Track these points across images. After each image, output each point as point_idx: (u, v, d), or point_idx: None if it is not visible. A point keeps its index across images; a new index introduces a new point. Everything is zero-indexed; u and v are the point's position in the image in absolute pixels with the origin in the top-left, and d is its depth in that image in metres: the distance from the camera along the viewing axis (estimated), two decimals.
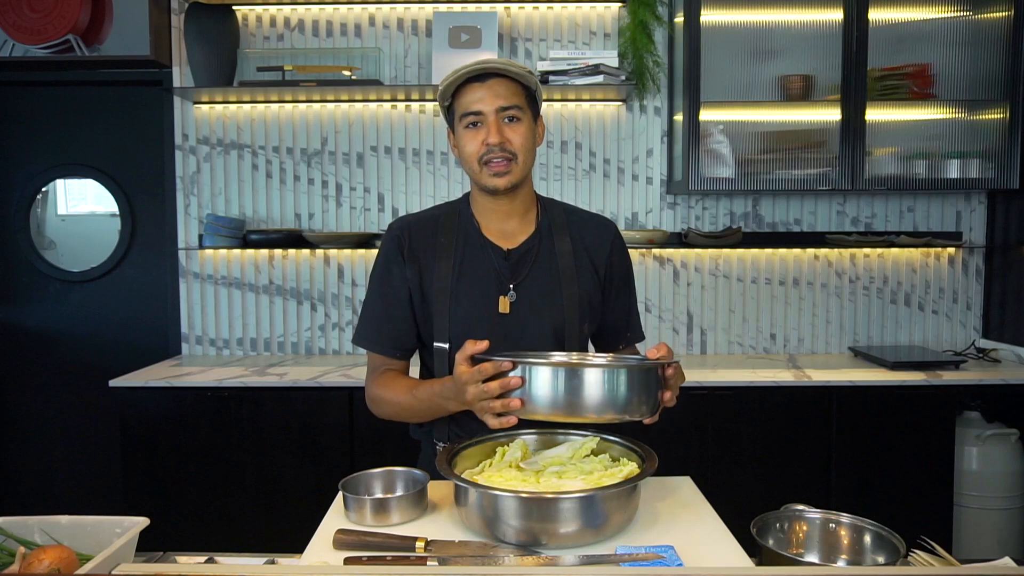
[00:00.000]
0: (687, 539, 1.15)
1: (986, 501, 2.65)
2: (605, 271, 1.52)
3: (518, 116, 1.40)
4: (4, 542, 1.12)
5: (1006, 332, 3.01)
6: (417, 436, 1.57)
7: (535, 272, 1.47)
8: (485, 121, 1.38)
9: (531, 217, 1.51)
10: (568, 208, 1.57)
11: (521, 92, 1.41)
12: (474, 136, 1.40)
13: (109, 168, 3.22)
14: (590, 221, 1.56)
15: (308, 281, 3.12)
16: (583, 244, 1.51)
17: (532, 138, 1.44)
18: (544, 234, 1.50)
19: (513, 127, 1.39)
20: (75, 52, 2.93)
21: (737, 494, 2.54)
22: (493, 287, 1.45)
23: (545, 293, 1.46)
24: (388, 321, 1.48)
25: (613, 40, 3.04)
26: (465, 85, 1.40)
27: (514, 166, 1.40)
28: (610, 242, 1.54)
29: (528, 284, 1.46)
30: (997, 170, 2.77)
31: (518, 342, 1.42)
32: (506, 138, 1.38)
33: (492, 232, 1.49)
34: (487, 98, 1.38)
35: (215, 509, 2.60)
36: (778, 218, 3.11)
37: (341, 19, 3.06)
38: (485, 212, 1.49)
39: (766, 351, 3.15)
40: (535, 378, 1.19)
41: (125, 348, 3.21)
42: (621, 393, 1.18)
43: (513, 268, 1.46)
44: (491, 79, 1.38)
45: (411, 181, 3.10)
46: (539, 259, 1.48)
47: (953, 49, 2.82)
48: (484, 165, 1.40)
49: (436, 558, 1.09)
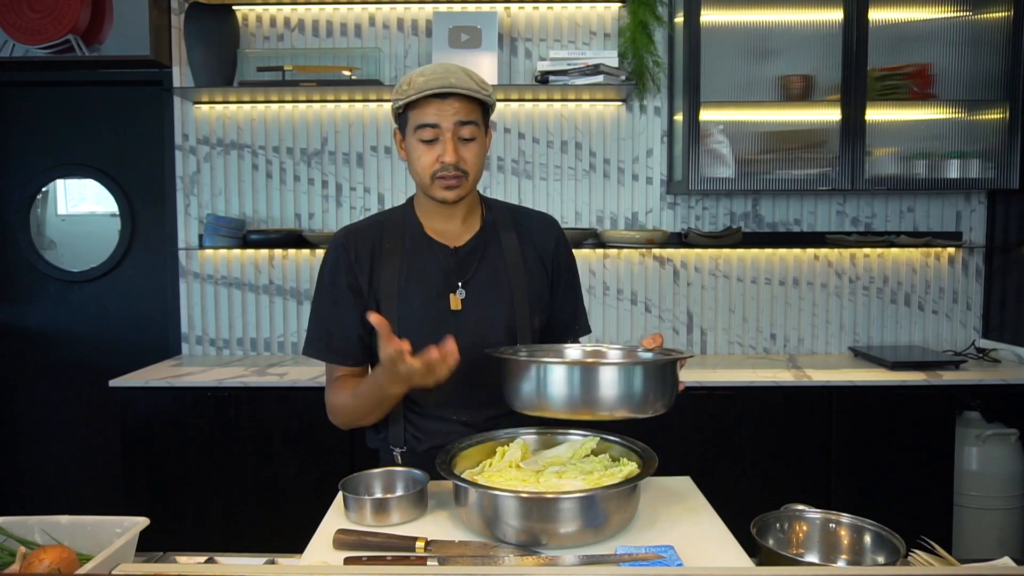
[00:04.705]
0: (687, 539, 1.15)
1: (986, 501, 2.65)
2: (552, 266, 1.56)
3: (474, 135, 1.41)
4: (4, 542, 1.12)
5: (1006, 332, 3.01)
6: (374, 444, 1.58)
7: (483, 268, 1.49)
8: (442, 136, 1.39)
9: (476, 216, 1.54)
10: (512, 207, 1.61)
11: (478, 108, 1.42)
12: (428, 150, 1.40)
13: (109, 168, 3.22)
14: (535, 218, 1.60)
15: (308, 281, 3.12)
16: (530, 240, 1.54)
17: (483, 154, 1.46)
18: (489, 231, 1.52)
19: (467, 146, 1.41)
20: (75, 52, 2.93)
21: (737, 494, 2.54)
22: (442, 285, 1.46)
23: (495, 288, 1.48)
24: (338, 329, 1.49)
25: (613, 40, 3.04)
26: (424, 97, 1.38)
27: (464, 182, 1.42)
28: (555, 238, 1.58)
29: (477, 280, 1.48)
30: (997, 170, 2.77)
31: (472, 338, 1.42)
32: (461, 156, 1.40)
33: (437, 232, 1.51)
34: (447, 111, 1.38)
35: (215, 509, 2.60)
36: (778, 218, 3.11)
37: (341, 19, 3.06)
38: (430, 214, 1.51)
39: (766, 351, 3.15)
40: (551, 376, 1.19)
41: (125, 348, 3.21)
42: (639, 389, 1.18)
43: (461, 265, 1.48)
44: (451, 96, 1.38)
45: (411, 181, 3.08)
46: (486, 256, 1.50)
47: (953, 49, 2.82)
48: (435, 179, 1.41)
49: (436, 558, 1.09)
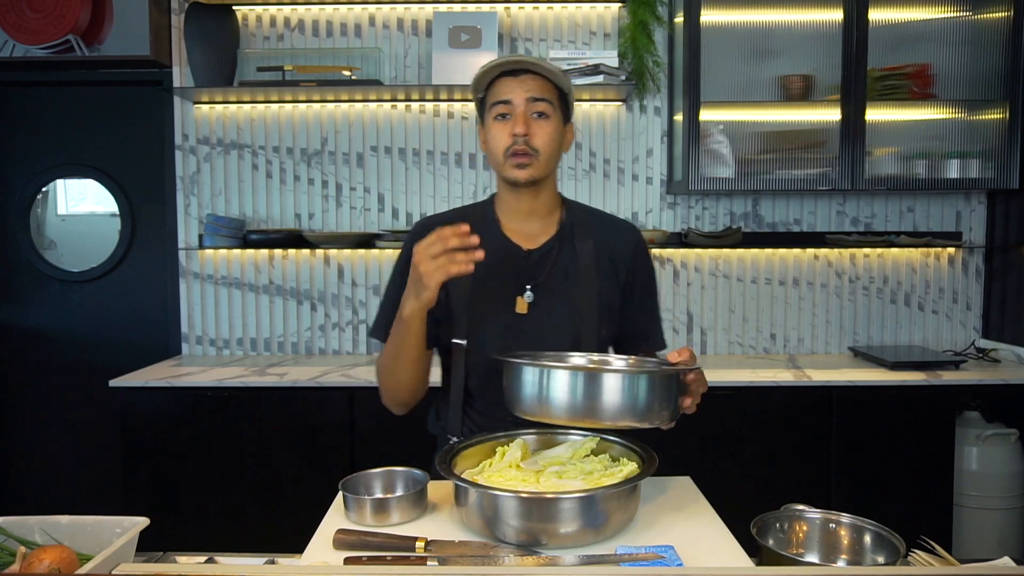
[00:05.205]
0: (687, 539, 1.15)
1: (986, 501, 2.65)
2: (626, 276, 1.52)
3: (547, 112, 1.41)
4: (4, 542, 1.12)
5: (1006, 332, 3.01)
6: (434, 431, 1.59)
7: (554, 273, 1.47)
8: (514, 112, 1.40)
9: (554, 218, 1.52)
10: (594, 212, 1.58)
11: (553, 91, 1.43)
12: (502, 128, 1.42)
13: (109, 168, 3.22)
14: (614, 225, 1.57)
15: (308, 281, 3.12)
16: (606, 247, 1.51)
17: (559, 139, 1.45)
18: (566, 236, 1.50)
19: (540, 123, 1.41)
20: (75, 52, 2.93)
21: (737, 494, 2.52)
22: (511, 287, 1.46)
23: (563, 295, 1.46)
24: None
25: (613, 40, 3.04)
26: (499, 78, 1.43)
27: (535, 161, 1.41)
28: (633, 247, 1.53)
29: (546, 285, 1.46)
30: (997, 170, 2.77)
31: (534, 343, 1.42)
32: (532, 132, 1.40)
33: (514, 232, 1.50)
34: (518, 89, 1.40)
35: (215, 509, 2.60)
36: (778, 218, 3.11)
37: (341, 19, 3.06)
38: (508, 211, 1.51)
39: (766, 351, 3.15)
40: (552, 381, 1.18)
41: (125, 348, 3.20)
42: (641, 398, 1.17)
43: (532, 268, 1.47)
44: (524, 74, 1.41)
45: (411, 181, 3.10)
46: (559, 260, 1.48)
47: (953, 49, 2.82)
48: (508, 158, 1.41)
49: (436, 558, 1.09)
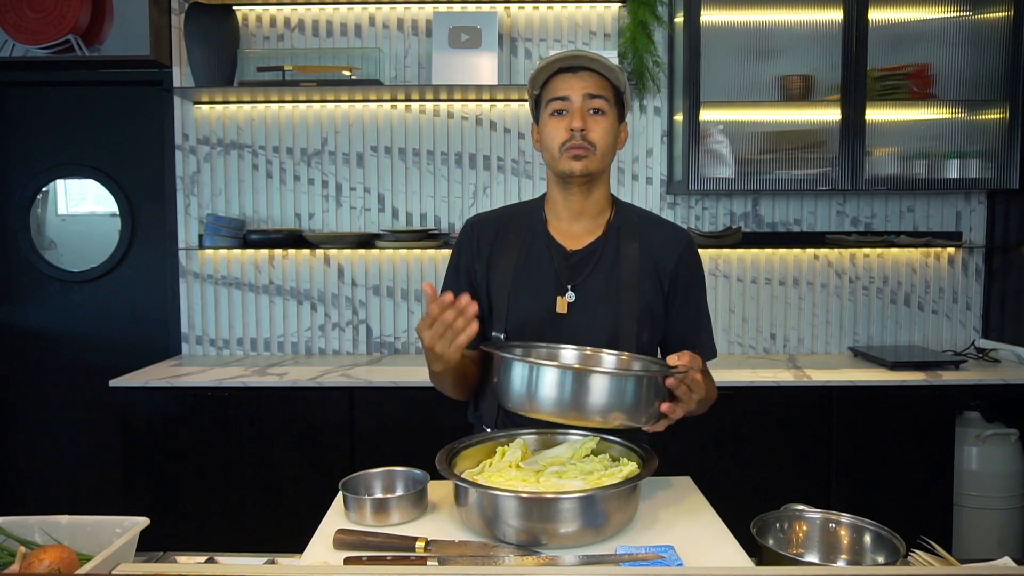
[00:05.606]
0: (687, 539, 1.15)
1: (986, 501, 2.65)
2: (669, 281, 1.48)
3: (603, 109, 1.42)
4: (4, 542, 1.12)
5: (1006, 332, 3.01)
6: (471, 420, 1.61)
7: (596, 274, 1.46)
8: (571, 108, 1.41)
9: (603, 219, 1.51)
10: (643, 214, 1.56)
11: (610, 88, 1.44)
12: (558, 124, 1.42)
13: (109, 168, 3.21)
14: (663, 228, 1.54)
15: (308, 281, 3.12)
16: (651, 251, 1.48)
17: (614, 136, 1.46)
18: (612, 237, 1.49)
19: (596, 119, 1.42)
20: (75, 52, 2.93)
21: (737, 494, 2.52)
22: (552, 286, 1.46)
23: (604, 297, 1.45)
24: None
25: (613, 40, 3.04)
26: (555, 75, 1.44)
27: (592, 154, 1.41)
28: (679, 252, 1.49)
29: (588, 286, 1.46)
30: (997, 170, 2.77)
31: (573, 343, 1.42)
32: (589, 127, 1.40)
33: (559, 231, 1.50)
34: (577, 85, 1.41)
35: (215, 509, 2.60)
36: (778, 218, 3.11)
37: (341, 19, 3.06)
38: (557, 210, 1.51)
39: (766, 351, 3.15)
40: (535, 376, 1.19)
41: (125, 348, 3.20)
42: (615, 398, 1.18)
43: (573, 269, 1.47)
44: (582, 71, 1.42)
45: (411, 181, 3.10)
46: (602, 262, 1.47)
47: (953, 49, 2.82)
48: (563, 151, 1.41)
49: (436, 558, 1.09)
